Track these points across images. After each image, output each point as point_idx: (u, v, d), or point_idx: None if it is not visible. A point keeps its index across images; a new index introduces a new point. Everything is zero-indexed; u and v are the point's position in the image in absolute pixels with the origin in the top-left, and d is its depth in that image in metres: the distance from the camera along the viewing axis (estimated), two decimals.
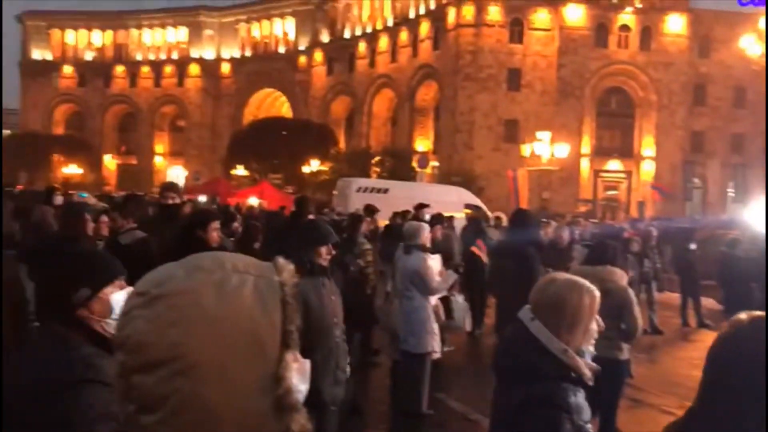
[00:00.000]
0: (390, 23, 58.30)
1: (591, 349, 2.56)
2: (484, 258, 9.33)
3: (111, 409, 2.06)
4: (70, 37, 75.40)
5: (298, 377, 0.97)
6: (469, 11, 49.98)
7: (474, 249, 9.63)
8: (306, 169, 48.90)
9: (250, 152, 50.90)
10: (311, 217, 8.29)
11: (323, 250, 4.47)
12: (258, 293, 0.95)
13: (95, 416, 2.03)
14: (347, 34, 62.26)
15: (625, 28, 50.63)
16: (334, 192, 25.35)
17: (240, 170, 52.83)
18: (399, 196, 18.53)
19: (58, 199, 8.96)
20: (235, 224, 8.81)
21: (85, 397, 2.04)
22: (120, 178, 70.31)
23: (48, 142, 66.38)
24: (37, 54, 74.87)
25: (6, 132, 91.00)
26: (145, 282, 0.97)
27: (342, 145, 57.58)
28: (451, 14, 51.16)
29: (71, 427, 2.03)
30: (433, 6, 54.05)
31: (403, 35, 56.55)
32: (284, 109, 68.60)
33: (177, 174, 64.72)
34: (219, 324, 0.91)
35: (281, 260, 1.03)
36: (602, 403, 5.02)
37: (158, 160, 73.34)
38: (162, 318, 0.92)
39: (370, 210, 8.70)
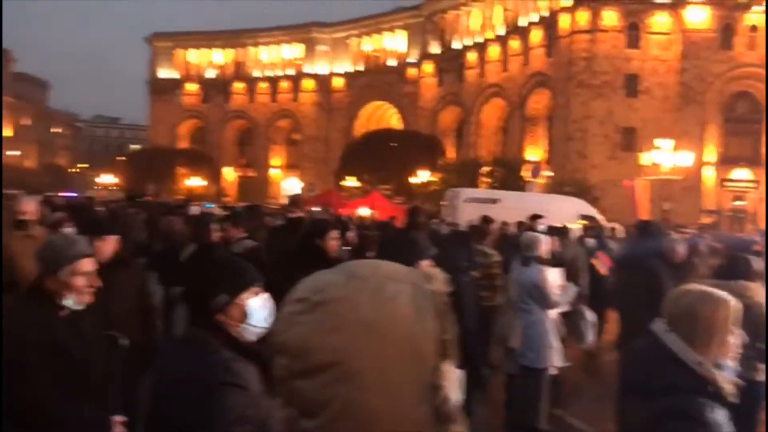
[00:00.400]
0: (501, 32, 57.76)
1: (732, 364, 2.44)
2: (603, 270, 8.99)
3: (247, 412, 2.14)
4: (194, 56, 79.72)
5: (454, 387, 0.97)
6: (583, 17, 48.70)
7: (594, 261, 9.30)
8: (414, 180, 49.11)
9: (361, 164, 51.69)
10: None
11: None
12: (413, 301, 0.96)
13: (233, 419, 2.11)
14: (457, 45, 62.22)
15: (753, 28, 47.63)
16: (443, 202, 25.29)
17: (351, 181, 53.77)
18: (510, 207, 18.20)
19: (194, 210, 9.48)
20: (350, 234, 9.01)
21: (224, 399, 2.12)
22: (239, 189, 73.41)
23: (173, 155, 70.25)
24: (164, 73, 79.66)
25: (135, 146, 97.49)
26: (305, 288, 0.99)
27: (451, 155, 57.47)
28: (565, 21, 50.00)
29: (210, 429, 2.13)
30: (545, 13, 53.08)
31: (514, 44, 55.83)
32: (394, 120, 69.34)
33: (292, 186, 66.82)
34: (377, 331, 0.92)
35: (432, 269, 1.04)
36: (741, 428, 4.71)
37: (274, 173, 76.03)
38: (323, 324, 0.93)
39: (486, 221, 8.61)
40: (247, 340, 2.33)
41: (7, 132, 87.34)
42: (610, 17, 48.04)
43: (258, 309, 2.36)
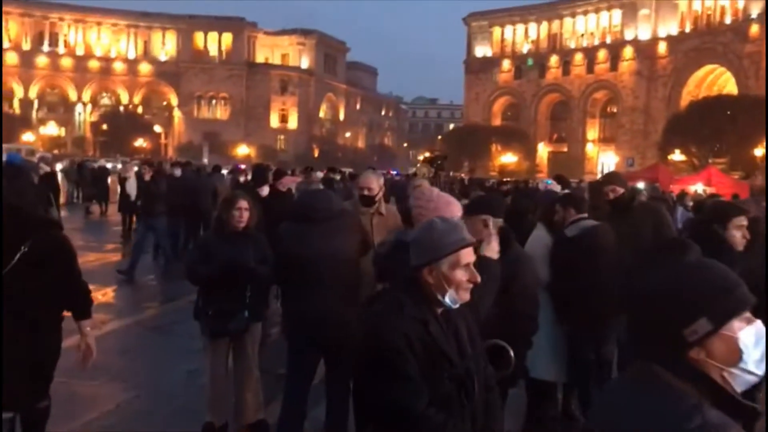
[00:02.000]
0: None
1: None
2: None
3: None
4: (508, 33, 79.90)
5: None
6: None
7: None
8: (758, 152, 43.00)
9: (689, 135, 46.93)
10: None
11: None
12: None
13: None
14: None
15: None
16: None
17: (676, 155, 49.21)
18: None
19: (556, 187, 9.04)
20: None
21: None
22: (550, 165, 72.15)
23: (487, 132, 71.61)
24: (479, 51, 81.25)
25: (451, 125, 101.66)
26: None
27: None
28: None
29: None
30: None
31: None
32: (729, 86, 61.69)
33: (608, 161, 63.69)
34: None
35: None
36: None
37: (589, 147, 73.25)
38: None
39: None
40: (734, 391, 1.51)
41: (340, 116, 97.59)
42: None
43: (752, 345, 1.51)
